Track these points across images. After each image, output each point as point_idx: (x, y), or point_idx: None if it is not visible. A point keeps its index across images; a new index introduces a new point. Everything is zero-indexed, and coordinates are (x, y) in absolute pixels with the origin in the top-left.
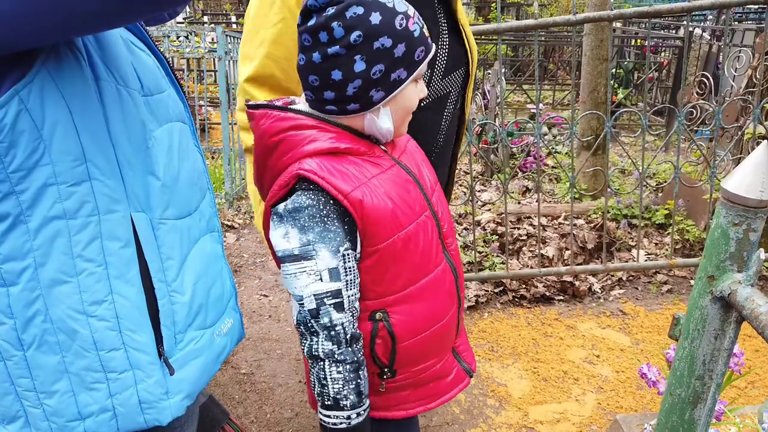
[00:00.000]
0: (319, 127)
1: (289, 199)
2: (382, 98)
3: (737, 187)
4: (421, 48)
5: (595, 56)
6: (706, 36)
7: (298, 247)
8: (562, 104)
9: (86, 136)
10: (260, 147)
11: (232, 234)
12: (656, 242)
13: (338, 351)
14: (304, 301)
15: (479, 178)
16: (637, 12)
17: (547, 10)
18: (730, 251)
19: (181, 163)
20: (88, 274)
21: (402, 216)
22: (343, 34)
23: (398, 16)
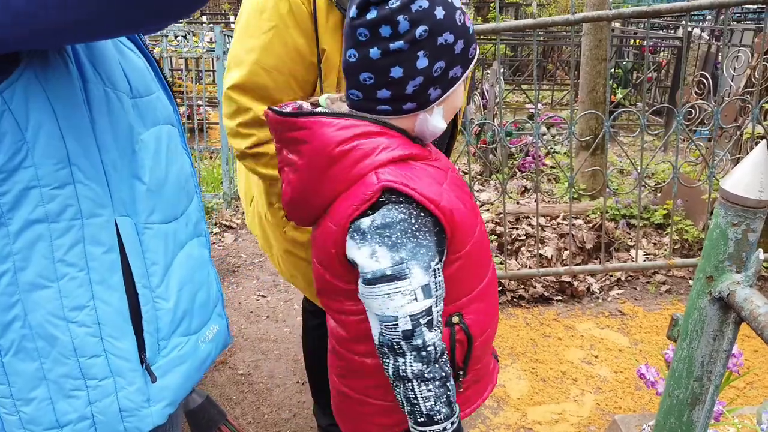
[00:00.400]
0: (386, 133)
1: (377, 214)
2: (439, 96)
3: (736, 187)
4: (474, 45)
5: (593, 56)
6: (705, 36)
7: (390, 267)
8: (561, 104)
9: (71, 138)
10: (320, 158)
11: (230, 234)
12: (655, 242)
13: (427, 370)
14: (399, 322)
15: (478, 178)
16: (636, 12)
17: (546, 9)
18: (728, 252)
19: (168, 166)
20: (70, 278)
21: (473, 218)
22: (408, 28)
23: (458, 11)
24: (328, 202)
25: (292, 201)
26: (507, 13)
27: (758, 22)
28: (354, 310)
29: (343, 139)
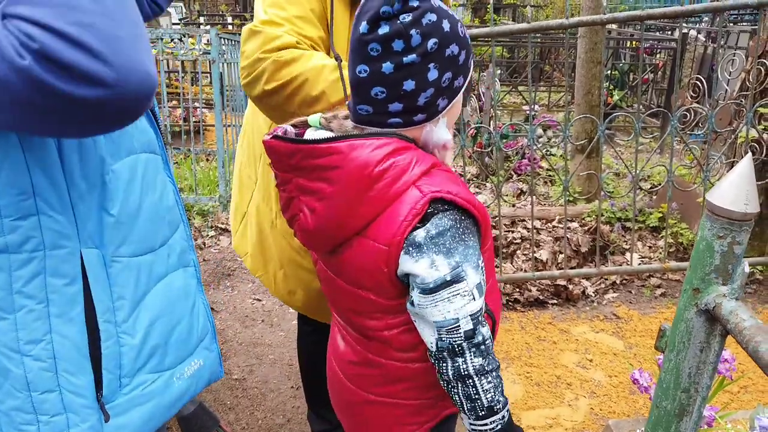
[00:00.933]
0: (411, 147)
1: (429, 225)
2: (446, 106)
3: (721, 199)
4: (472, 54)
5: (589, 59)
6: (701, 38)
7: (449, 273)
8: (558, 105)
9: (37, 170)
10: (359, 180)
11: (226, 237)
12: (650, 245)
13: (487, 363)
14: (461, 323)
15: (474, 181)
16: (630, 16)
17: (542, 11)
18: (714, 264)
19: (143, 197)
20: (28, 311)
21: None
22: (420, 41)
23: (459, 23)
24: (365, 224)
25: (318, 229)
26: (504, 14)
27: (754, 24)
28: (396, 323)
29: (381, 158)
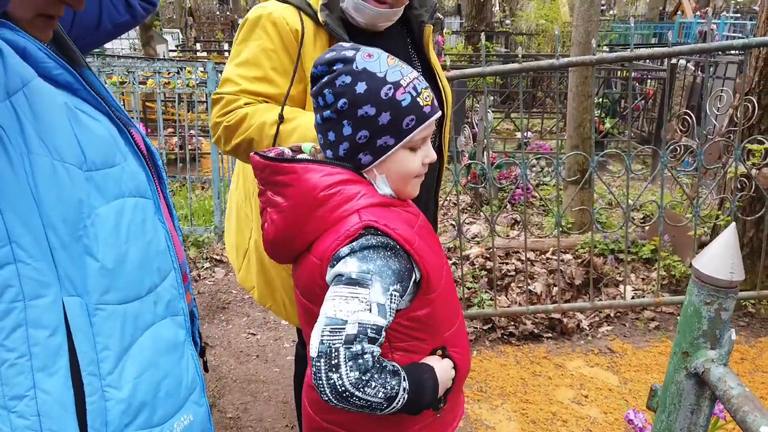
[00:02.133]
0: (363, 182)
1: (356, 242)
2: (370, 162)
3: (708, 267)
4: (410, 117)
5: (579, 92)
6: (691, 67)
7: (356, 272)
8: (551, 132)
9: (11, 215)
10: (306, 200)
11: (221, 269)
12: (643, 277)
13: (365, 377)
14: (347, 325)
15: (468, 211)
16: (619, 57)
17: (534, 39)
18: (702, 329)
19: (130, 242)
20: (9, 365)
21: (441, 261)
22: (332, 100)
23: (386, 86)
24: (311, 241)
25: (276, 240)
26: (497, 41)
27: (741, 54)
28: None
29: (328, 185)
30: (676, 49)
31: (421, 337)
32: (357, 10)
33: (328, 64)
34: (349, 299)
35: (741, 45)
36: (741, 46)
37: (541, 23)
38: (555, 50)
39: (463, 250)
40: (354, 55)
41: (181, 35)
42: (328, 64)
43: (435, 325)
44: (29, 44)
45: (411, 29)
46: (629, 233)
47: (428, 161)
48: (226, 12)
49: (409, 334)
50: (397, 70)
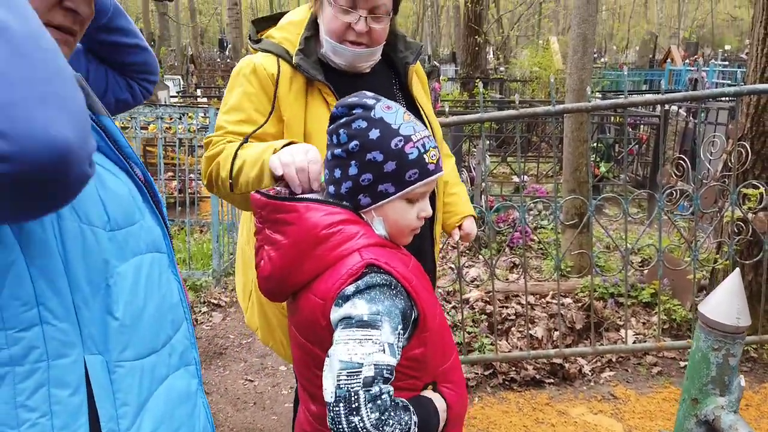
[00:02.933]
0: (361, 222)
1: (360, 281)
2: (369, 204)
3: (714, 312)
4: (414, 170)
5: (575, 138)
6: (683, 113)
7: (367, 314)
8: (547, 176)
9: (41, 279)
10: (307, 238)
11: (218, 313)
12: (644, 321)
13: (385, 416)
14: (363, 368)
15: (466, 254)
16: (614, 104)
17: (528, 86)
18: (711, 375)
19: (147, 298)
20: (31, 425)
21: (434, 299)
22: (346, 140)
23: (397, 137)
24: (309, 279)
25: (272, 276)
26: (491, 88)
27: (732, 101)
28: None
29: (329, 223)
30: (670, 95)
31: (417, 375)
32: (335, 53)
33: (348, 107)
34: (363, 342)
35: (733, 92)
36: (733, 94)
37: (535, 70)
38: (551, 97)
39: (462, 293)
40: (374, 104)
41: (182, 81)
42: (349, 107)
43: (429, 363)
44: None
45: (397, 71)
46: (628, 276)
47: (424, 215)
48: (226, 59)
49: (406, 373)
50: (410, 126)
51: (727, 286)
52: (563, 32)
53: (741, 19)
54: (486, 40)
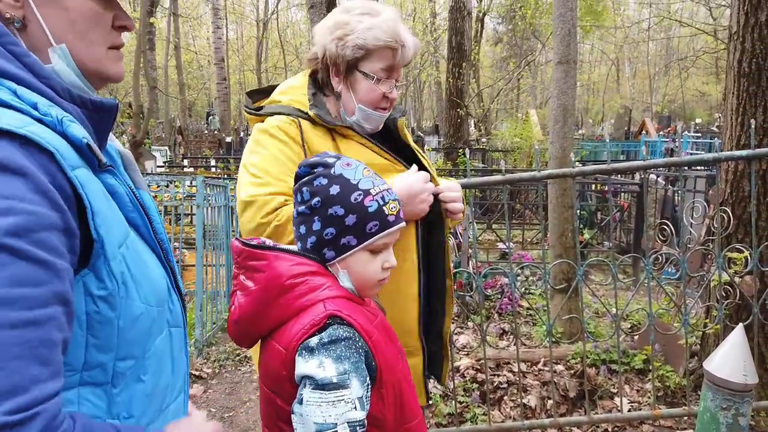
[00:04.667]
0: (328, 275)
1: (324, 333)
2: (333, 257)
3: (720, 370)
4: (374, 222)
5: (559, 204)
6: (661, 181)
7: (336, 376)
8: (531, 243)
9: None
10: (273, 287)
11: (200, 385)
12: (637, 389)
13: None
14: (338, 427)
15: (455, 320)
16: (597, 169)
17: (510, 155)
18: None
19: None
20: None
21: (397, 358)
22: (308, 197)
23: (356, 192)
24: (273, 327)
25: (239, 321)
26: (474, 157)
27: (709, 169)
28: None
29: (295, 274)
30: (651, 162)
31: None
32: (367, 120)
33: (311, 166)
34: (336, 403)
35: (712, 159)
36: (712, 160)
37: (516, 141)
38: (536, 163)
39: (452, 362)
40: (334, 162)
41: (169, 152)
42: (311, 166)
43: (387, 420)
44: (121, 188)
45: (388, 127)
46: (619, 342)
47: (388, 266)
48: (213, 131)
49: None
50: (369, 180)
51: (732, 342)
52: (541, 106)
53: (709, 94)
54: (467, 113)
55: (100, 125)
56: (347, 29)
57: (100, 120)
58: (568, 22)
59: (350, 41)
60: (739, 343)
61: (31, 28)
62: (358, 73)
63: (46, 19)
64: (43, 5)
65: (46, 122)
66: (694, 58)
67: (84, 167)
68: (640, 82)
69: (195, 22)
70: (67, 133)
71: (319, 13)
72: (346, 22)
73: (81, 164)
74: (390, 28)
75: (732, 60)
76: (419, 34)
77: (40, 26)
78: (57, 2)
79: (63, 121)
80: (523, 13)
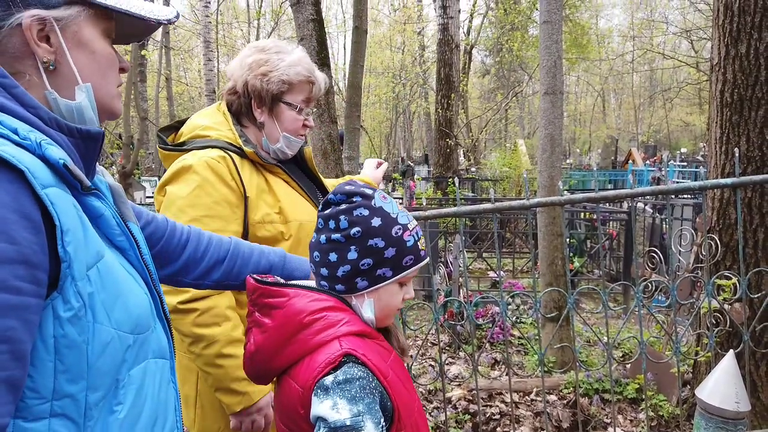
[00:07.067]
0: (347, 310)
1: (339, 371)
2: (365, 287)
3: (712, 397)
4: (410, 256)
5: (549, 232)
6: (648, 210)
7: (349, 418)
8: (522, 271)
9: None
10: (292, 323)
11: None
12: (631, 418)
13: None
14: None
15: (446, 350)
16: (586, 197)
17: (500, 184)
18: None
19: (147, 401)
20: None
21: (413, 396)
22: (346, 226)
23: (396, 226)
24: (289, 364)
25: (254, 358)
26: (464, 187)
27: (695, 197)
28: None
29: (314, 310)
30: (639, 190)
31: None
32: (290, 146)
33: (347, 195)
34: None
35: (698, 186)
36: (698, 188)
37: (505, 170)
38: (525, 192)
39: (444, 393)
40: (373, 193)
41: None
42: (348, 194)
43: None
44: (108, 211)
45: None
46: (612, 371)
47: (408, 297)
48: None
49: None
50: (405, 215)
51: (723, 369)
52: (529, 136)
53: (693, 124)
54: (457, 142)
55: (87, 153)
56: (270, 66)
57: (86, 148)
58: (554, 54)
59: (275, 77)
60: (730, 370)
61: (62, 70)
62: (282, 104)
63: (76, 62)
64: (74, 49)
65: (24, 146)
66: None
67: (58, 187)
68: (625, 112)
69: (186, 54)
70: (45, 155)
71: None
72: (267, 60)
73: (55, 184)
74: (308, 64)
75: (714, 91)
76: (408, 66)
77: (70, 68)
78: (86, 47)
79: (41, 144)
80: (510, 46)
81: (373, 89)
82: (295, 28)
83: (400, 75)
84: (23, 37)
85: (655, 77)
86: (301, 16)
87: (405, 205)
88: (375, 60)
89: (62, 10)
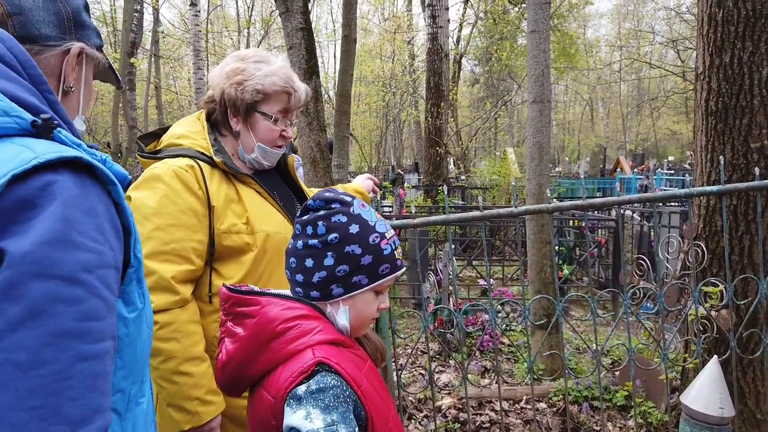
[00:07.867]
0: (321, 318)
1: (312, 381)
2: (341, 294)
3: (696, 403)
4: (387, 265)
5: (538, 240)
6: (636, 217)
7: (323, 428)
8: (512, 279)
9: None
10: (264, 332)
11: None
12: (620, 426)
13: None
14: None
15: (436, 359)
16: (573, 205)
17: (489, 192)
18: None
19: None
20: None
21: (389, 406)
22: (324, 232)
23: (374, 234)
24: (263, 373)
25: (226, 368)
26: (454, 195)
27: (682, 205)
28: None
29: (287, 318)
30: (626, 197)
31: None
32: (266, 157)
33: (326, 201)
34: None
35: (684, 194)
36: (684, 195)
37: (494, 178)
38: (513, 200)
39: (434, 401)
40: (352, 200)
41: None
42: (326, 201)
43: None
44: None
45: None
46: (601, 378)
47: (383, 307)
48: None
49: None
50: (383, 224)
51: (707, 375)
52: (518, 144)
53: (680, 133)
54: (446, 151)
55: None
56: (246, 75)
57: None
58: (542, 63)
59: (249, 86)
60: (714, 376)
61: (73, 96)
62: (257, 114)
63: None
64: (84, 83)
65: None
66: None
67: None
68: (613, 121)
69: (176, 63)
70: (112, 170)
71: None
72: (243, 69)
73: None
74: (286, 74)
75: (700, 99)
76: (398, 75)
77: (78, 96)
78: (89, 83)
79: (106, 160)
80: (499, 55)
81: (363, 98)
82: (284, 37)
83: (390, 84)
84: (61, 60)
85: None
86: (290, 24)
87: (395, 213)
88: (365, 69)
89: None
